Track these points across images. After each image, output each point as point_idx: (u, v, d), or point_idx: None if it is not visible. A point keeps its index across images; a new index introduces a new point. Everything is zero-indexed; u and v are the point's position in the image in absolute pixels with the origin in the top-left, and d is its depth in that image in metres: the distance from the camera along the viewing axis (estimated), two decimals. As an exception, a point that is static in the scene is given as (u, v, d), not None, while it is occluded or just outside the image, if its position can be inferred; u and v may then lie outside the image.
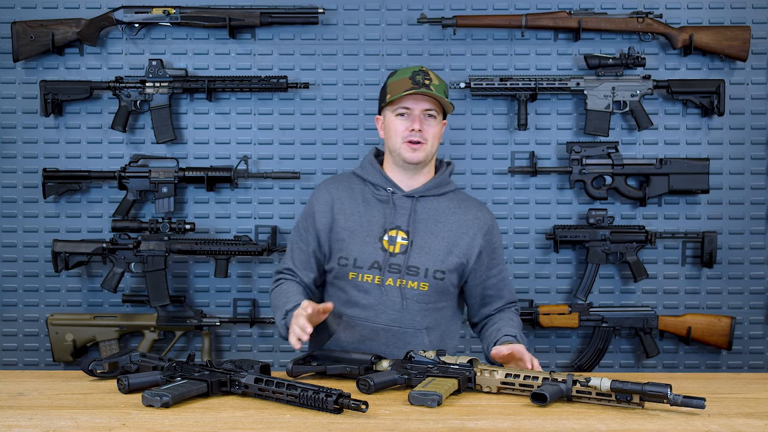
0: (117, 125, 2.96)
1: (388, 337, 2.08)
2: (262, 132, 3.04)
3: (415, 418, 1.51)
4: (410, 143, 2.09)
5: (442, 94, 2.10)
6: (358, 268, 2.09)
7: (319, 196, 2.20)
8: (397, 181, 2.16)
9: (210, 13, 2.95)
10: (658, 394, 1.52)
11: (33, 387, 1.79)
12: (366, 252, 2.10)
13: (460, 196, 2.25)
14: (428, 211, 2.15)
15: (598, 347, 2.97)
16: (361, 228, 2.12)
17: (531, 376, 1.66)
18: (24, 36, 2.93)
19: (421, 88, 2.06)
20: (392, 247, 2.10)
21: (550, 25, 2.96)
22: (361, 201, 2.16)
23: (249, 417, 1.51)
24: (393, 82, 2.13)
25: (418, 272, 2.09)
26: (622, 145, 3.01)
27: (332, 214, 2.15)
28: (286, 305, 2.03)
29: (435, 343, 2.14)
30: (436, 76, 2.13)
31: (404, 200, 2.14)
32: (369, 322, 2.09)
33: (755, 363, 3.05)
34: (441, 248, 2.12)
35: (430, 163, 2.18)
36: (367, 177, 2.19)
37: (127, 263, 2.93)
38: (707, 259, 2.97)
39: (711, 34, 2.94)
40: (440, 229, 2.14)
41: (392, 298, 2.08)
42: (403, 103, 2.09)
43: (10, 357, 3.07)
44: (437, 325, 2.15)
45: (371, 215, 2.13)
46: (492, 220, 2.23)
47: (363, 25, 3.04)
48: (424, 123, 2.09)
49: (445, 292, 2.14)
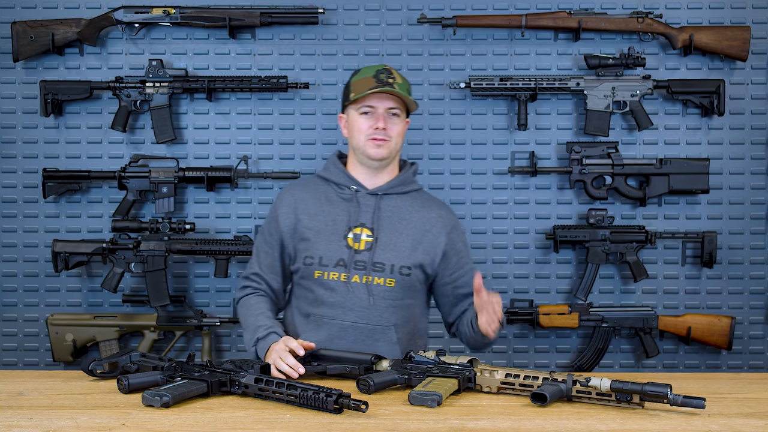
0: (117, 125, 2.96)
1: (356, 334, 2.08)
2: (262, 132, 3.04)
3: (415, 418, 1.51)
4: (374, 140, 2.10)
5: (405, 93, 2.12)
6: (324, 266, 2.10)
7: (283, 199, 2.21)
8: (361, 180, 2.17)
9: (210, 13, 2.95)
10: (658, 394, 1.52)
11: (33, 387, 1.79)
12: (331, 250, 2.10)
13: (423, 195, 2.26)
14: (392, 209, 2.16)
15: (598, 347, 2.97)
16: (325, 227, 2.13)
17: (531, 376, 1.66)
18: (24, 36, 2.93)
19: (385, 87, 2.08)
20: (357, 244, 2.11)
21: (550, 25, 2.96)
22: (325, 201, 2.17)
23: (249, 417, 1.51)
24: (356, 81, 2.14)
25: (384, 268, 2.10)
26: (622, 145, 3.01)
27: (296, 214, 2.16)
28: (256, 331, 2.03)
29: (404, 341, 2.14)
30: (399, 74, 2.15)
31: (368, 198, 2.15)
32: (336, 320, 2.09)
33: (755, 363, 3.05)
34: (406, 244, 2.13)
35: (393, 161, 2.19)
36: (330, 177, 2.20)
37: (127, 263, 2.93)
38: (707, 259, 2.97)
39: (711, 34, 2.94)
40: (404, 226, 2.15)
41: (359, 295, 2.09)
42: (367, 101, 2.11)
43: (10, 357, 3.07)
44: (405, 323, 2.15)
45: (335, 214, 2.14)
46: (455, 220, 2.25)
47: (363, 25, 3.04)
48: (388, 121, 2.11)
49: (412, 289, 2.14)
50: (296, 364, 1.84)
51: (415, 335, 2.20)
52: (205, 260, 3.03)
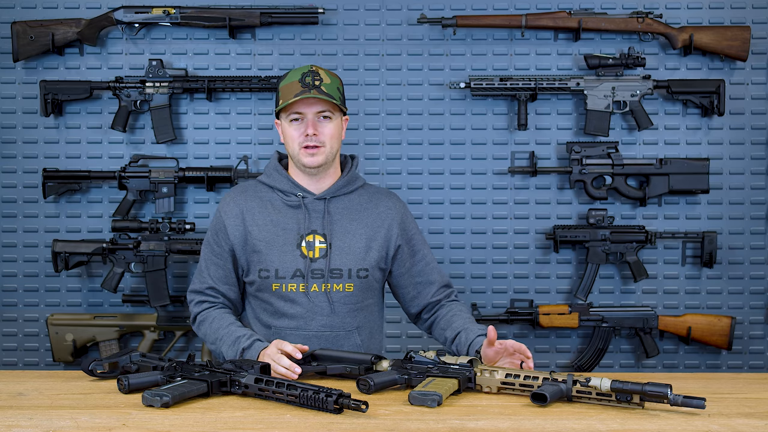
0: (117, 125, 2.96)
1: (320, 342, 2.06)
2: (262, 132, 3.04)
3: (415, 418, 1.51)
4: (306, 149, 2.05)
5: (334, 92, 2.05)
6: (281, 278, 2.06)
7: (228, 209, 2.14)
8: (306, 185, 2.12)
9: (210, 13, 2.95)
10: (658, 394, 1.52)
11: (33, 387, 1.79)
12: (286, 261, 2.07)
13: (369, 190, 2.22)
14: (342, 211, 2.13)
15: (598, 347, 2.97)
16: (276, 237, 2.08)
17: (531, 376, 1.66)
18: (24, 36, 2.93)
19: (311, 91, 2.02)
20: (311, 252, 2.07)
21: (550, 25, 2.96)
22: (272, 209, 2.12)
23: (249, 417, 1.51)
24: (284, 86, 2.07)
25: (341, 274, 2.08)
26: (622, 145, 3.01)
27: (244, 225, 2.10)
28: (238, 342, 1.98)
29: (366, 342, 2.13)
30: (327, 73, 2.08)
31: (316, 203, 2.11)
32: (299, 330, 2.07)
33: (755, 363, 3.06)
34: (360, 246, 2.10)
35: (335, 164, 2.15)
36: (275, 184, 2.14)
37: (127, 263, 2.93)
38: (707, 259, 2.97)
39: (711, 34, 2.94)
40: (356, 227, 2.12)
41: (320, 304, 2.07)
42: (295, 108, 2.05)
43: (10, 357, 3.07)
44: (366, 324, 2.14)
45: (285, 223, 2.10)
46: (404, 208, 2.22)
47: (363, 25, 3.04)
48: (319, 126, 2.05)
49: (371, 289, 2.13)
50: (292, 365, 1.82)
51: (374, 333, 2.19)
52: (205, 260, 3.03)
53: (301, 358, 1.86)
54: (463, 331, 2.05)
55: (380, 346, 2.25)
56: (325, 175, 2.13)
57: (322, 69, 2.09)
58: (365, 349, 2.12)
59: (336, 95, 2.07)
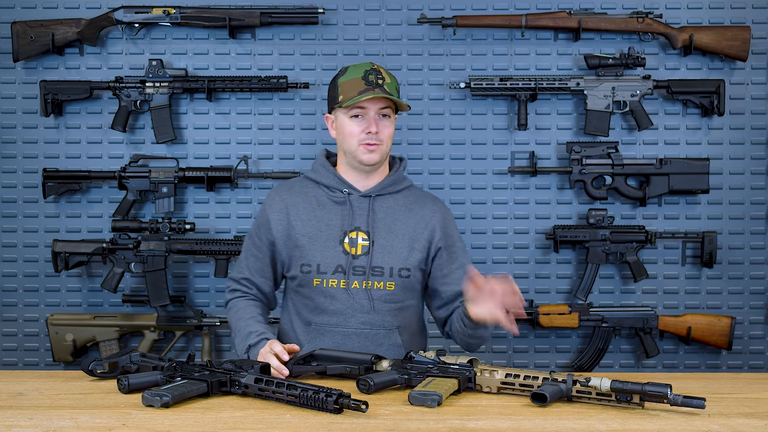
0: (117, 125, 2.96)
1: (360, 340, 2.06)
2: (262, 132, 3.04)
3: (415, 418, 1.51)
4: (367, 145, 2.05)
5: (395, 92, 2.07)
6: (322, 273, 2.06)
7: (273, 203, 2.15)
8: (352, 182, 2.13)
9: (210, 13, 2.95)
10: (658, 394, 1.52)
11: (33, 387, 1.79)
12: (328, 256, 2.07)
13: (415, 192, 2.22)
14: (386, 210, 2.13)
15: (598, 347, 2.97)
16: (320, 233, 2.09)
17: (531, 376, 1.66)
18: (24, 36, 2.93)
19: (375, 89, 2.02)
20: (354, 249, 2.07)
21: (550, 25, 2.96)
22: (317, 205, 2.12)
23: (249, 417, 1.51)
24: (344, 82, 2.07)
25: (383, 272, 2.07)
26: (622, 145, 3.01)
27: (288, 220, 2.11)
28: (248, 338, 2.00)
29: (407, 342, 2.12)
30: (387, 73, 2.09)
31: (361, 200, 2.11)
32: (339, 327, 2.06)
33: (755, 363, 3.06)
34: (403, 246, 2.10)
35: (384, 162, 2.16)
36: (321, 180, 2.15)
37: (127, 263, 2.94)
38: (707, 259, 2.97)
39: (711, 34, 2.94)
40: (399, 226, 2.12)
41: (360, 301, 2.06)
42: (358, 104, 2.05)
43: (10, 357, 3.07)
44: (408, 324, 2.14)
45: (329, 219, 2.10)
46: (448, 213, 2.21)
47: (363, 25, 3.04)
48: (380, 124, 2.05)
49: (412, 290, 2.13)
50: (279, 365, 1.82)
51: (416, 334, 2.19)
52: (205, 260, 3.03)
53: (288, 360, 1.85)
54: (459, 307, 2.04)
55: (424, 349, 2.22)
56: (374, 173, 2.14)
57: (382, 68, 2.10)
58: (407, 349, 2.08)
59: (395, 95, 2.07)
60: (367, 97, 2.01)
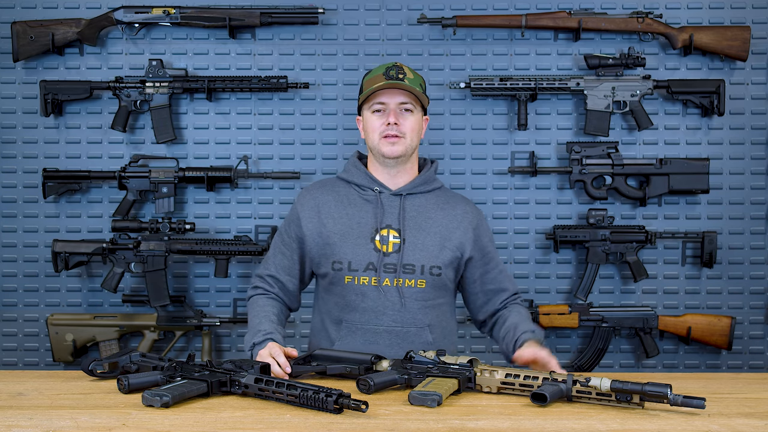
0: (117, 125, 2.96)
1: (391, 338, 2.07)
2: (262, 132, 3.04)
3: (415, 418, 1.51)
4: (387, 138, 2.08)
5: (417, 87, 2.09)
6: (354, 271, 2.07)
7: (304, 201, 2.17)
8: (383, 181, 2.15)
9: (210, 13, 2.95)
10: (658, 394, 1.52)
11: (33, 387, 1.79)
12: (359, 254, 2.08)
13: (446, 193, 2.24)
14: (417, 208, 2.14)
15: (598, 347, 2.97)
16: (351, 230, 2.10)
17: (531, 376, 1.66)
18: (24, 36, 2.93)
19: (393, 81, 2.05)
20: (385, 246, 2.08)
21: (550, 25, 2.96)
22: (348, 203, 2.14)
23: (249, 417, 1.51)
24: (368, 80, 2.13)
25: (414, 270, 2.08)
26: (622, 145, 3.01)
27: (319, 218, 2.13)
28: (255, 336, 2.01)
29: (438, 340, 2.12)
30: (411, 70, 2.12)
31: (392, 199, 2.13)
32: (370, 325, 2.07)
33: (755, 363, 3.06)
34: (434, 244, 2.10)
35: (412, 160, 2.17)
36: (352, 179, 2.17)
37: (127, 263, 2.93)
38: (707, 259, 2.97)
39: (711, 34, 2.95)
40: (431, 225, 2.13)
41: (391, 298, 2.07)
42: (378, 98, 2.08)
43: (10, 357, 3.07)
44: (438, 322, 2.13)
45: (360, 216, 2.11)
46: (480, 215, 2.23)
47: (363, 25, 3.04)
48: (400, 117, 2.08)
49: (443, 288, 2.13)
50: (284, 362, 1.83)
51: (447, 333, 2.18)
52: (205, 260, 3.03)
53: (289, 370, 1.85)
54: (512, 329, 2.06)
55: (454, 348, 2.23)
56: (403, 171, 2.15)
57: (406, 66, 2.13)
58: (437, 348, 2.08)
59: (418, 89, 2.09)
60: (381, 86, 2.04)
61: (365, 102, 2.11)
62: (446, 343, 2.16)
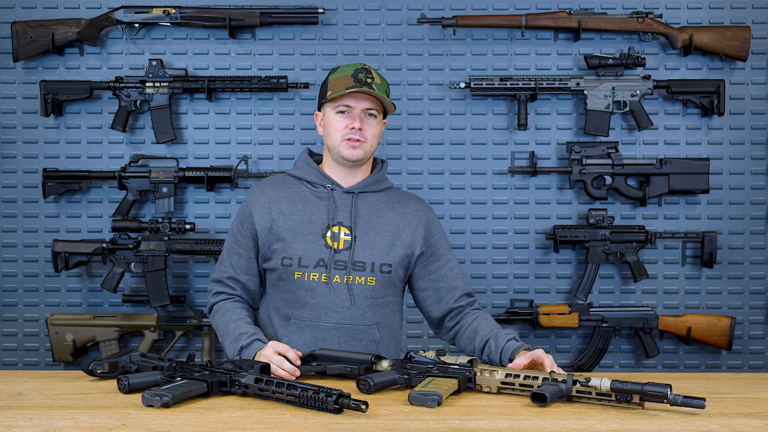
0: (117, 125, 2.96)
1: (339, 335, 2.06)
2: (262, 132, 3.04)
3: (415, 418, 1.51)
4: (349, 141, 2.08)
5: (383, 94, 2.09)
6: (304, 267, 2.07)
7: (255, 198, 2.16)
8: (336, 179, 2.15)
9: (210, 13, 2.95)
10: (658, 394, 1.52)
11: (33, 387, 1.79)
12: (310, 250, 2.07)
13: (397, 192, 2.25)
14: (369, 207, 2.15)
15: (598, 347, 2.97)
16: (302, 226, 2.10)
17: (531, 376, 1.66)
18: (24, 36, 2.93)
19: (363, 87, 2.05)
20: (336, 243, 2.08)
21: (550, 25, 2.96)
22: (299, 200, 2.14)
23: (249, 417, 1.51)
24: (334, 79, 2.11)
25: (364, 267, 2.08)
26: (622, 145, 3.01)
27: (270, 215, 2.12)
28: (239, 339, 1.98)
29: (385, 339, 2.13)
30: (378, 74, 2.12)
31: (344, 197, 2.13)
32: (319, 321, 2.07)
33: (755, 363, 3.06)
34: (385, 242, 2.11)
35: (367, 161, 2.18)
36: (304, 176, 2.17)
37: (127, 263, 2.93)
38: (707, 259, 2.97)
39: (711, 34, 2.95)
40: (382, 223, 2.13)
41: (340, 295, 2.06)
42: (344, 101, 2.08)
43: (10, 357, 3.07)
44: (386, 321, 2.14)
45: (312, 213, 2.12)
46: (431, 212, 2.24)
47: (363, 25, 3.04)
48: (365, 122, 2.08)
49: (393, 286, 2.13)
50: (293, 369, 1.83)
51: (393, 332, 2.19)
52: (205, 260, 3.03)
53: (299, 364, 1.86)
54: (492, 338, 2.03)
55: (398, 347, 2.24)
56: (357, 171, 2.16)
57: (374, 69, 2.12)
58: (383, 346, 2.11)
59: (383, 95, 2.09)
60: (351, 91, 2.04)
61: (330, 101, 2.10)
62: (392, 342, 2.17)
